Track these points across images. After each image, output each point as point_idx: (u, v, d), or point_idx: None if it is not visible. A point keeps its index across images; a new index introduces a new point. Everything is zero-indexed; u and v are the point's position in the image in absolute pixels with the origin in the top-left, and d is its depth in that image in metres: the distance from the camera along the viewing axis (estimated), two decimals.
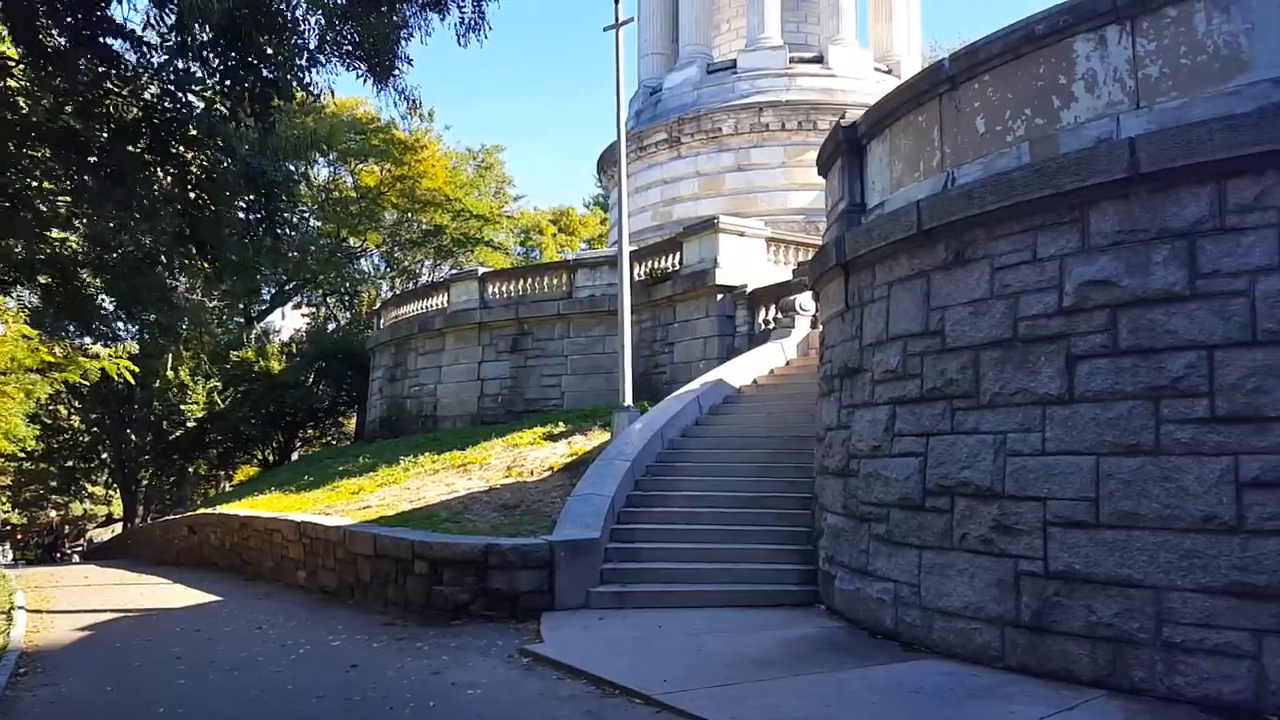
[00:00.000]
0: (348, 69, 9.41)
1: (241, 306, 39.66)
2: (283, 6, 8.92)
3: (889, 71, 28.86)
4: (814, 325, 16.62)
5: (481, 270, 25.73)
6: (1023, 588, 7.24)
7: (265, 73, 8.98)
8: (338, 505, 16.33)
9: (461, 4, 9.44)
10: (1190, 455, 6.44)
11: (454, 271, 33.24)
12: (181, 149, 9.84)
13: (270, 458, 36.30)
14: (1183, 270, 6.56)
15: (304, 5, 9.15)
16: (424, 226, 43.65)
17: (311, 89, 9.72)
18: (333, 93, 9.77)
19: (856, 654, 8.09)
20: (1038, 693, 6.69)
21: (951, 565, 7.83)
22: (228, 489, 36.05)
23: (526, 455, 16.37)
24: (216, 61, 8.78)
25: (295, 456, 36.17)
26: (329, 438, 38.74)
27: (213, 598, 14.18)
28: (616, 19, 17.76)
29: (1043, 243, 7.36)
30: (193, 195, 10.16)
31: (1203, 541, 6.34)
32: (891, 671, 7.46)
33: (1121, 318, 6.84)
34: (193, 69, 9.09)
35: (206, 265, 11.15)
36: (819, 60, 28.30)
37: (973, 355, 7.81)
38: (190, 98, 9.67)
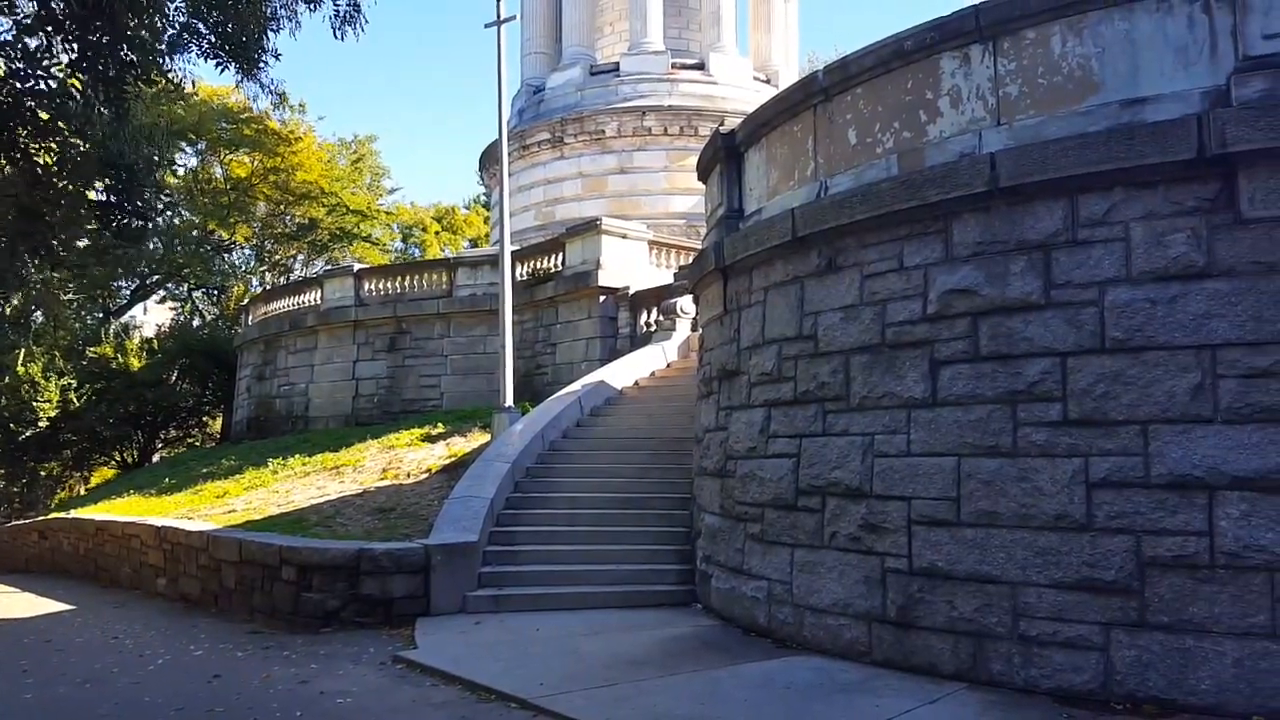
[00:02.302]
0: (209, 59, 9.01)
1: (100, 300, 37.53)
2: None
3: (768, 81, 29.50)
4: (694, 328, 16.83)
5: (357, 266, 25.08)
6: (889, 584, 7.48)
7: (125, 55, 8.51)
8: (201, 509, 15.64)
9: None
10: (1044, 457, 6.76)
11: (328, 267, 32.28)
12: (29, 135, 9.20)
13: (130, 459, 34.48)
14: (1038, 280, 6.90)
15: None
16: (298, 220, 42.26)
17: (172, 76, 9.28)
18: (193, 82, 9.35)
19: (730, 652, 8.20)
20: (903, 687, 6.91)
21: (822, 563, 8.04)
22: (83, 492, 34.06)
23: (403, 457, 16.04)
24: (74, 39, 8.27)
25: (156, 458, 34.46)
26: (193, 439, 37.00)
27: (65, 607, 13.42)
28: (498, 16, 17.60)
29: (909, 252, 7.63)
30: (37, 189, 9.50)
31: (1056, 539, 6.66)
32: (763, 669, 7.59)
33: (982, 325, 7.14)
34: (45, 46, 8.53)
35: (48, 271, 10.46)
36: (700, 67, 28.72)
37: (843, 359, 8.03)
38: (40, 79, 9.08)
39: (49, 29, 8.28)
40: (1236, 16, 6.42)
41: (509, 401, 15.93)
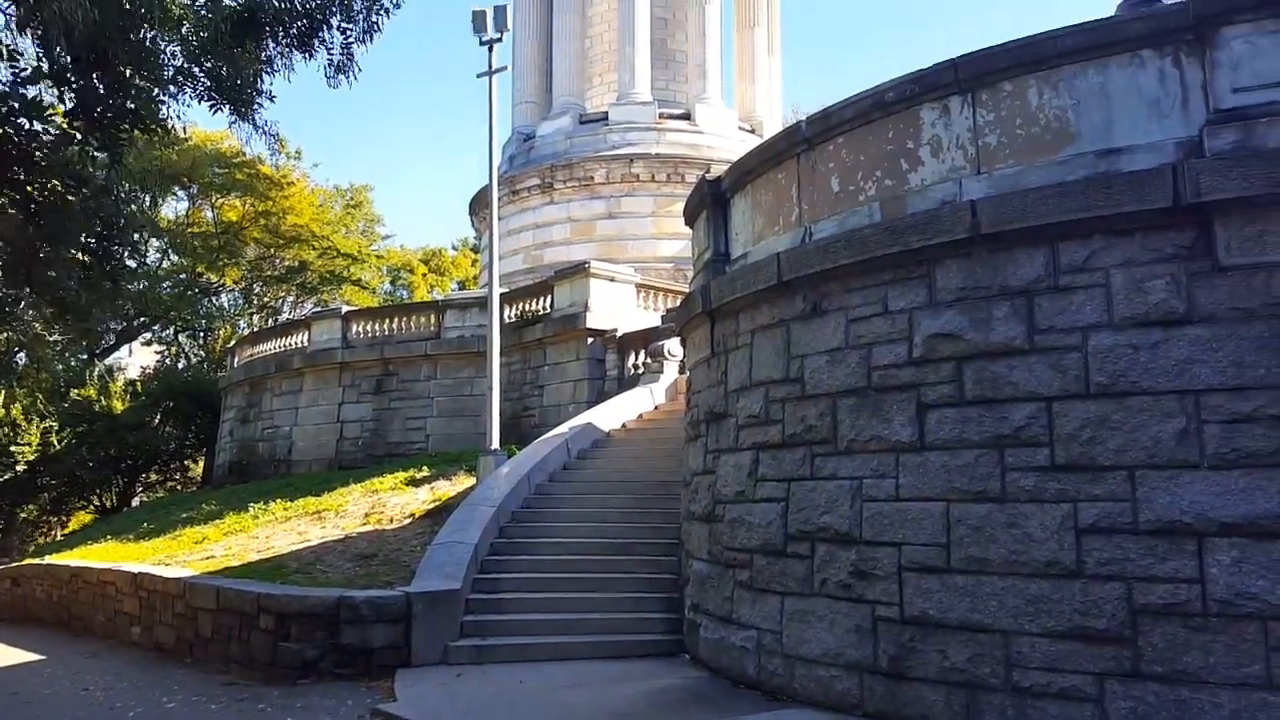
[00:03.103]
0: (204, 101, 9.06)
1: (84, 343, 37.32)
2: (143, 37, 8.55)
3: (752, 130, 29.97)
4: (682, 370, 16.80)
5: (345, 308, 24.99)
6: (880, 633, 7.37)
7: (122, 102, 8.55)
8: (179, 555, 15.41)
9: (330, 45, 9.29)
10: (1033, 502, 6.72)
11: (316, 310, 32.23)
12: (28, 177, 9.18)
13: (108, 503, 34.04)
14: (1022, 325, 6.92)
15: (160, 34, 8.80)
16: (287, 263, 42.29)
17: (167, 122, 9.32)
18: (184, 128, 9.37)
19: (719, 705, 8.05)
20: None
21: (812, 611, 7.92)
22: (60, 537, 33.57)
23: (387, 502, 15.86)
24: (73, 88, 8.33)
25: (136, 502, 34.05)
26: (174, 483, 36.61)
27: (35, 656, 13.12)
28: (490, 66, 17.80)
29: (893, 296, 7.65)
30: (33, 229, 9.47)
31: (1047, 586, 6.58)
32: None
33: (967, 369, 7.14)
34: (43, 96, 8.59)
35: (41, 311, 10.42)
36: (687, 117, 29.26)
37: (830, 402, 8.01)
38: (37, 125, 9.09)
39: (50, 80, 8.35)
40: (1206, 71, 6.54)
41: (495, 444, 15.82)
